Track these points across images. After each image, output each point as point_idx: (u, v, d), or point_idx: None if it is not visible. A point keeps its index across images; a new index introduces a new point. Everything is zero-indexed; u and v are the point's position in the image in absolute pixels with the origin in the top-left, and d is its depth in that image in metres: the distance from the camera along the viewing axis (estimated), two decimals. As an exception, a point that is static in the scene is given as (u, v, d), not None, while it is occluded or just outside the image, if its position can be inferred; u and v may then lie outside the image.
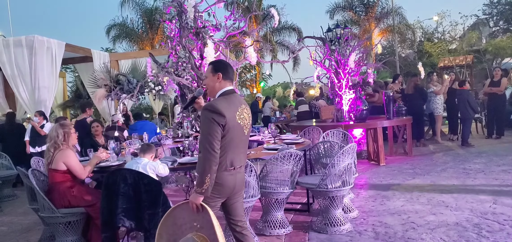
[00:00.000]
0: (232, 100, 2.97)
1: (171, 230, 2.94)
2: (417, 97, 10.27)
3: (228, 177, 2.95)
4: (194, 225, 2.87)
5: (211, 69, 3.05)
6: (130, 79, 8.36)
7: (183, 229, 2.90)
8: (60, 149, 4.35)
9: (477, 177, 6.69)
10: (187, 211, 2.90)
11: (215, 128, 2.79)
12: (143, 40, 22.57)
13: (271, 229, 4.57)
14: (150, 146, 4.56)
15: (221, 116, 2.80)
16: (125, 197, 3.97)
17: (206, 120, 2.82)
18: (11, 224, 5.98)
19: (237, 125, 2.93)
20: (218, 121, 2.80)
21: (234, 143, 2.92)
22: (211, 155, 2.77)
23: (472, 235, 4.18)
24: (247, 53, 6.07)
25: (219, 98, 2.97)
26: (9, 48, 8.05)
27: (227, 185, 2.97)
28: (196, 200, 2.82)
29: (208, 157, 2.78)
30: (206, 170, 2.79)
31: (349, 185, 4.63)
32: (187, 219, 2.90)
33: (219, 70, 3.01)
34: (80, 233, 4.39)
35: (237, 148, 2.97)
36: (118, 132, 8.14)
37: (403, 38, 26.10)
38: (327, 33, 9.27)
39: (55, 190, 4.35)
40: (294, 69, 25.39)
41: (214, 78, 3.02)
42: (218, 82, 3.01)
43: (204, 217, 2.84)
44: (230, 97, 2.98)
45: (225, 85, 3.02)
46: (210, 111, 2.82)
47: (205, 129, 2.83)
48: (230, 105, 2.91)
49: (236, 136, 2.93)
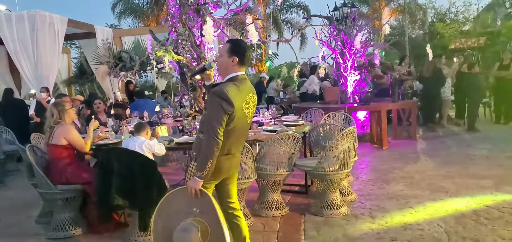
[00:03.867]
0: (243, 88, 2.85)
1: (169, 215, 2.90)
2: (434, 80, 10.06)
3: (224, 161, 2.91)
4: (194, 211, 2.82)
5: (228, 49, 2.88)
6: (133, 56, 8.35)
7: (181, 214, 2.85)
8: (61, 125, 4.36)
9: (480, 162, 6.60)
10: (183, 197, 2.85)
11: (221, 115, 2.72)
12: (148, 17, 22.43)
13: (267, 211, 4.55)
14: (142, 123, 4.56)
15: (230, 106, 2.72)
16: (120, 176, 3.98)
17: (214, 105, 2.73)
18: (14, 199, 6.05)
19: (242, 115, 2.85)
20: (226, 109, 2.72)
21: (235, 132, 2.85)
22: (215, 141, 2.71)
23: (470, 222, 4.13)
24: (248, 31, 5.97)
25: (230, 84, 2.83)
26: (11, 23, 8.02)
27: (223, 169, 2.93)
28: (196, 184, 2.78)
29: (211, 143, 2.72)
30: (208, 156, 2.73)
31: (347, 169, 4.59)
32: (184, 205, 2.85)
33: (236, 53, 2.85)
34: (77, 209, 4.44)
35: (237, 136, 2.92)
36: (120, 109, 8.16)
37: (414, 18, 25.60)
38: (334, 12, 9.10)
39: (53, 166, 4.38)
40: (301, 49, 25.12)
41: (229, 60, 2.86)
42: (232, 65, 2.86)
43: (203, 202, 2.81)
44: (241, 84, 2.85)
45: (239, 70, 2.88)
46: (220, 97, 2.72)
47: (211, 113, 2.76)
48: (239, 93, 2.81)
49: (239, 126, 2.86)
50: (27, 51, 8.10)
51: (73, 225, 4.33)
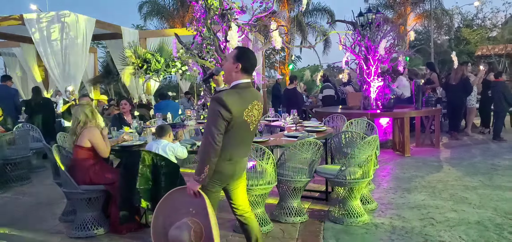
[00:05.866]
0: (245, 95, 2.89)
1: (169, 212, 2.99)
2: (460, 88, 9.85)
3: (227, 166, 2.94)
4: (190, 211, 2.92)
5: (233, 56, 2.93)
6: (158, 58, 8.48)
7: (180, 213, 2.94)
8: (87, 126, 4.46)
9: (505, 173, 6.46)
10: (184, 196, 2.94)
11: (219, 121, 2.76)
12: (173, 18, 22.70)
13: (286, 217, 4.56)
14: (164, 127, 4.61)
15: (227, 112, 2.76)
16: (143, 178, 4.06)
17: (213, 111, 2.79)
18: (39, 195, 6.21)
19: (243, 122, 2.88)
20: (224, 115, 2.76)
21: (236, 139, 2.89)
22: (212, 147, 2.76)
23: (493, 236, 4.05)
24: (272, 37, 6.00)
25: (230, 91, 2.89)
26: (41, 23, 8.26)
27: (227, 173, 2.97)
28: (194, 186, 2.85)
29: (208, 149, 2.78)
30: (205, 161, 2.80)
31: (369, 177, 4.56)
32: (184, 204, 2.94)
33: (239, 60, 2.89)
34: (100, 209, 4.53)
35: (238, 144, 2.95)
36: (145, 110, 8.30)
37: (440, 24, 25.17)
38: (359, 18, 9.05)
39: (78, 166, 4.47)
40: (324, 53, 25.02)
41: (233, 66, 2.90)
42: (235, 72, 2.90)
43: (199, 203, 2.88)
44: (243, 91, 2.89)
45: (242, 78, 2.91)
46: (218, 103, 2.77)
47: (210, 119, 2.81)
48: (240, 100, 2.84)
49: (239, 133, 2.89)
50: (55, 50, 8.32)
51: (95, 224, 4.43)
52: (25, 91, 13.36)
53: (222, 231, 4.21)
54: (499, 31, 23.95)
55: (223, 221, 4.39)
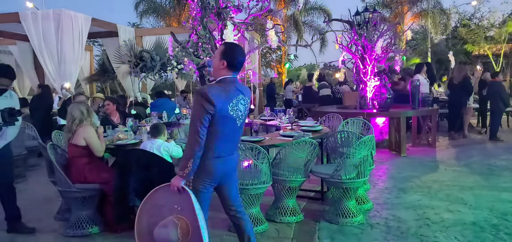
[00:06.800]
0: (229, 89, 2.87)
1: (151, 211, 2.96)
2: (461, 88, 9.79)
3: (217, 164, 2.93)
4: (175, 208, 2.89)
5: (220, 52, 2.92)
6: (154, 56, 8.44)
7: (163, 211, 2.91)
8: (83, 125, 4.42)
9: (502, 174, 6.47)
10: (169, 193, 2.91)
11: (203, 114, 2.74)
12: (170, 16, 22.63)
13: (282, 216, 4.55)
14: (158, 127, 4.59)
15: (210, 105, 2.74)
16: (138, 177, 4.04)
17: (197, 104, 2.77)
18: (34, 193, 6.18)
19: (228, 116, 2.85)
20: (207, 108, 2.74)
21: (222, 134, 2.87)
22: (196, 140, 2.75)
23: (489, 237, 4.05)
24: (268, 36, 5.98)
25: (214, 84, 2.89)
26: (37, 21, 8.19)
27: (216, 171, 2.95)
28: (177, 182, 2.83)
29: (192, 143, 2.76)
30: (188, 155, 2.78)
31: (364, 177, 4.55)
32: (168, 201, 2.91)
33: (225, 57, 2.88)
34: (95, 207, 4.50)
35: (226, 139, 2.92)
36: (142, 108, 8.26)
37: (437, 23, 25.15)
38: (355, 17, 9.04)
39: (73, 165, 4.45)
40: (321, 52, 24.96)
41: (219, 62, 2.90)
42: (222, 68, 2.90)
43: (184, 199, 2.86)
44: (227, 85, 2.88)
45: (228, 74, 2.91)
46: (201, 96, 2.75)
47: (194, 113, 2.80)
48: (224, 94, 2.83)
49: (225, 127, 2.87)
50: (51, 48, 8.26)
51: (90, 223, 4.40)
52: (21, 89, 13.31)
53: (217, 230, 4.21)
54: (496, 30, 23.96)
55: (217, 221, 4.37)
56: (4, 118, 4.02)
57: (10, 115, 4.06)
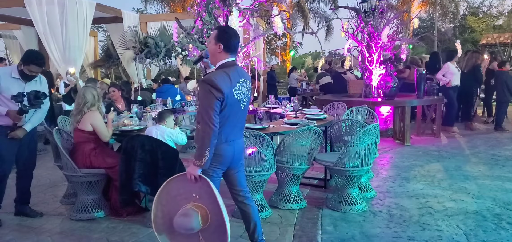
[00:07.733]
0: (231, 74, 2.88)
1: (165, 202, 2.97)
2: (470, 77, 9.75)
3: (226, 148, 2.95)
4: (193, 196, 2.89)
5: (214, 36, 2.94)
6: (158, 42, 8.45)
7: (177, 200, 2.92)
8: (90, 110, 4.45)
9: (506, 164, 6.46)
10: (183, 183, 2.92)
11: (213, 102, 2.76)
12: (175, 2, 22.53)
13: (285, 203, 4.58)
14: (165, 112, 4.61)
15: (219, 92, 2.76)
16: (143, 163, 4.08)
17: (206, 93, 2.78)
18: (40, 178, 6.23)
19: (234, 101, 2.88)
20: (217, 95, 2.76)
21: (229, 119, 2.89)
22: (211, 129, 2.76)
23: (491, 225, 4.06)
24: (274, 22, 5.96)
25: (217, 71, 2.89)
26: (42, 5, 8.19)
27: (226, 156, 2.98)
28: (194, 171, 2.83)
29: (208, 131, 2.77)
30: (205, 144, 2.79)
31: (368, 165, 4.56)
32: (183, 190, 2.92)
33: (220, 40, 2.90)
34: (100, 192, 4.55)
35: (232, 123, 2.94)
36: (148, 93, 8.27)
37: (445, 11, 24.88)
38: (362, 4, 8.96)
39: (79, 149, 4.48)
40: (326, 39, 24.84)
41: (215, 47, 2.92)
42: (219, 52, 2.92)
43: (202, 187, 2.86)
44: (229, 70, 2.89)
45: (226, 57, 2.93)
46: (209, 84, 2.77)
47: (205, 102, 2.80)
48: (228, 79, 2.84)
49: (231, 112, 2.89)
50: (56, 33, 8.27)
51: (96, 207, 4.46)
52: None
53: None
54: (505, 19, 23.69)
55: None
56: (30, 101, 4.09)
57: (36, 97, 4.14)
